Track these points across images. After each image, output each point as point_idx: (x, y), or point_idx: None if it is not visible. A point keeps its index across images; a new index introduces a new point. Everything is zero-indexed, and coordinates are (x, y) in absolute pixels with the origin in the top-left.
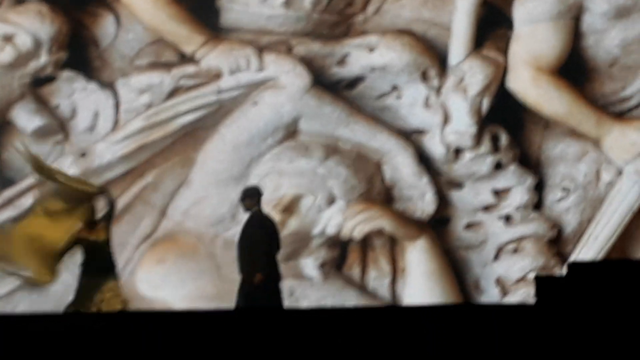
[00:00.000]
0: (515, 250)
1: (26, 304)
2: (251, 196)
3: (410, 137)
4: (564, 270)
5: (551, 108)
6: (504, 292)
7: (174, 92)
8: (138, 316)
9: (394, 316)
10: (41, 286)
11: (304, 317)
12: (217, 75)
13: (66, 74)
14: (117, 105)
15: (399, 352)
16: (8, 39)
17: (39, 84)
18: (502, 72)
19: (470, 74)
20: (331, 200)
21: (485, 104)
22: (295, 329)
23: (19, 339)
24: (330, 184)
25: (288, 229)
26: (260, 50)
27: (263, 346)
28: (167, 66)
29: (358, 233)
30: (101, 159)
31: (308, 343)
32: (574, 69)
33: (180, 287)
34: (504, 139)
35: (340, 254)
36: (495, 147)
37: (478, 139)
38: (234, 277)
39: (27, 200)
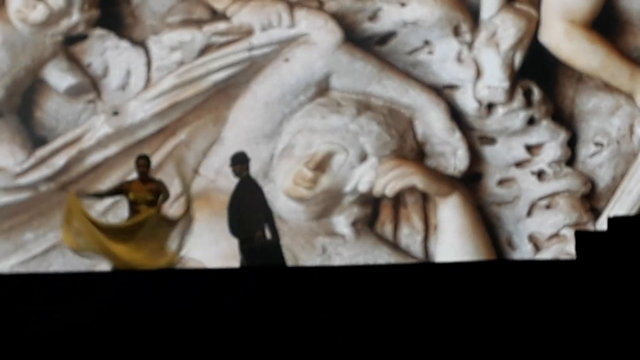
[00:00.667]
0: (548, 206)
1: (60, 263)
2: (241, 162)
3: (443, 92)
4: (598, 226)
5: (584, 62)
6: (537, 248)
7: (205, 50)
8: (159, 274)
9: (427, 273)
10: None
11: (337, 275)
12: (249, 32)
13: (98, 32)
14: (148, 63)
15: (432, 310)
16: None
17: (71, 42)
18: (534, 25)
19: (502, 28)
20: (363, 157)
21: (518, 58)
22: (328, 286)
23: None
24: (362, 141)
25: (320, 186)
26: (292, 6)
27: (297, 303)
28: (199, 23)
29: (390, 190)
30: (133, 117)
31: (341, 300)
32: (607, 21)
33: (214, 245)
34: (536, 93)
35: (372, 211)
36: (528, 102)
37: (511, 94)
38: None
39: (60, 160)
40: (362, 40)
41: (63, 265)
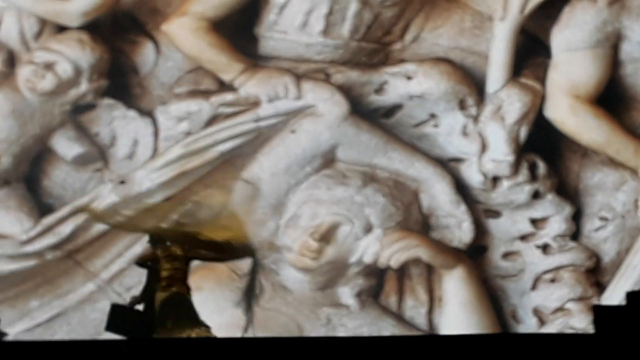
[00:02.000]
0: (553, 280)
1: (64, 331)
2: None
3: (448, 165)
4: (603, 300)
5: (589, 137)
6: (542, 321)
7: (212, 120)
8: (164, 343)
9: (431, 345)
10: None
11: (341, 346)
12: (256, 103)
13: (106, 101)
14: (156, 133)
15: None
16: (49, 67)
17: (79, 111)
18: (540, 100)
19: (508, 102)
20: (368, 229)
21: (523, 132)
22: (332, 357)
23: None
24: (367, 212)
25: (325, 257)
26: (298, 78)
27: None
28: (206, 94)
29: (395, 262)
30: (140, 186)
31: None
32: (613, 97)
33: (218, 315)
34: (541, 167)
35: (377, 282)
36: (533, 176)
37: (516, 168)
38: (271, 306)
39: (67, 228)
40: (368, 113)
41: (67, 334)
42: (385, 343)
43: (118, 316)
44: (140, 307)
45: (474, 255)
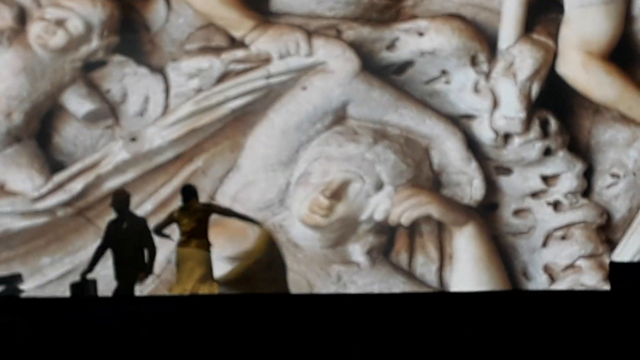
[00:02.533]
0: (564, 237)
1: None
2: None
3: (459, 122)
4: (614, 257)
5: (601, 93)
6: (552, 278)
7: (223, 77)
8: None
9: (442, 302)
10: None
11: (352, 303)
12: (267, 60)
13: (117, 58)
14: (167, 90)
15: (447, 339)
16: (60, 23)
17: (90, 68)
18: (552, 56)
19: (520, 59)
20: (379, 186)
21: (535, 88)
22: (343, 315)
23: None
24: (378, 169)
25: (336, 214)
26: (310, 34)
27: (311, 331)
28: (217, 50)
29: (406, 219)
30: (151, 143)
31: (356, 329)
32: (625, 53)
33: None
34: (553, 124)
35: (387, 240)
36: (545, 133)
37: (527, 125)
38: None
39: (78, 185)
40: (379, 69)
41: None
42: (396, 300)
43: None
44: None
45: (485, 213)
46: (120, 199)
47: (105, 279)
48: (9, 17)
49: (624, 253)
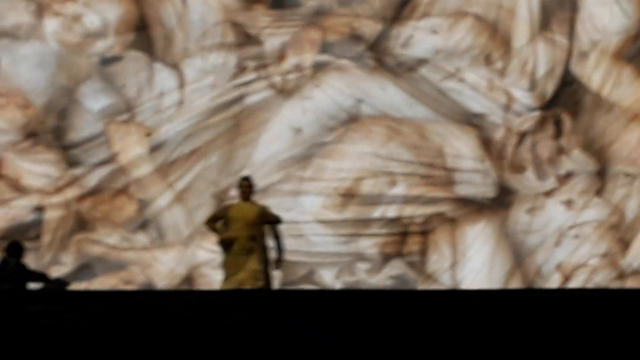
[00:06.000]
0: (577, 236)
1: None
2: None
3: (473, 120)
4: (629, 257)
5: (615, 92)
6: (565, 277)
7: (238, 73)
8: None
9: (454, 300)
10: None
11: (365, 299)
12: (281, 57)
13: (132, 53)
14: (182, 85)
15: (459, 335)
16: (76, 18)
17: (106, 63)
18: (566, 55)
19: (534, 57)
20: (392, 183)
21: (549, 87)
22: (356, 311)
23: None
24: (391, 167)
25: (349, 211)
26: (324, 31)
27: (325, 326)
28: (232, 47)
29: (419, 216)
30: (166, 138)
31: (369, 324)
32: (639, 53)
33: None
34: (567, 123)
35: (400, 237)
36: (558, 132)
37: (541, 123)
38: (290, 259)
39: (93, 179)
40: (393, 67)
41: (91, 284)
42: (409, 297)
43: None
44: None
45: (498, 211)
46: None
47: None
48: (26, 12)
49: (638, 252)
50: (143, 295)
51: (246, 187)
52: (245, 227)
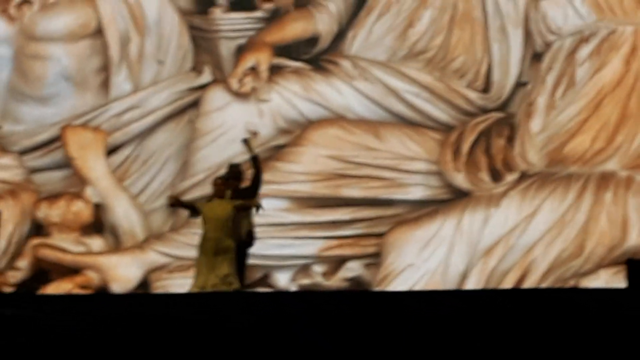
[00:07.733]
0: (531, 237)
1: None
2: None
3: (428, 122)
4: None
5: (569, 93)
6: (520, 277)
7: (194, 76)
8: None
9: (454, 300)
10: None
11: (365, 300)
12: (237, 60)
13: (88, 57)
14: (137, 89)
15: (457, 335)
16: (32, 22)
17: (61, 67)
18: (521, 56)
19: (489, 59)
20: (348, 185)
21: (504, 89)
22: (348, 312)
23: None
24: (347, 169)
25: (305, 213)
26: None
27: (326, 326)
28: (188, 50)
29: (374, 218)
30: (122, 142)
31: (366, 325)
32: None
33: None
34: (522, 124)
35: (356, 239)
36: (513, 133)
37: (496, 125)
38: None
39: (48, 184)
40: (349, 69)
41: None
42: (409, 297)
43: None
44: None
45: (453, 212)
46: None
47: None
48: None
49: (591, 251)
50: (122, 299)
51: (219, 185)
52: (217, 226)
